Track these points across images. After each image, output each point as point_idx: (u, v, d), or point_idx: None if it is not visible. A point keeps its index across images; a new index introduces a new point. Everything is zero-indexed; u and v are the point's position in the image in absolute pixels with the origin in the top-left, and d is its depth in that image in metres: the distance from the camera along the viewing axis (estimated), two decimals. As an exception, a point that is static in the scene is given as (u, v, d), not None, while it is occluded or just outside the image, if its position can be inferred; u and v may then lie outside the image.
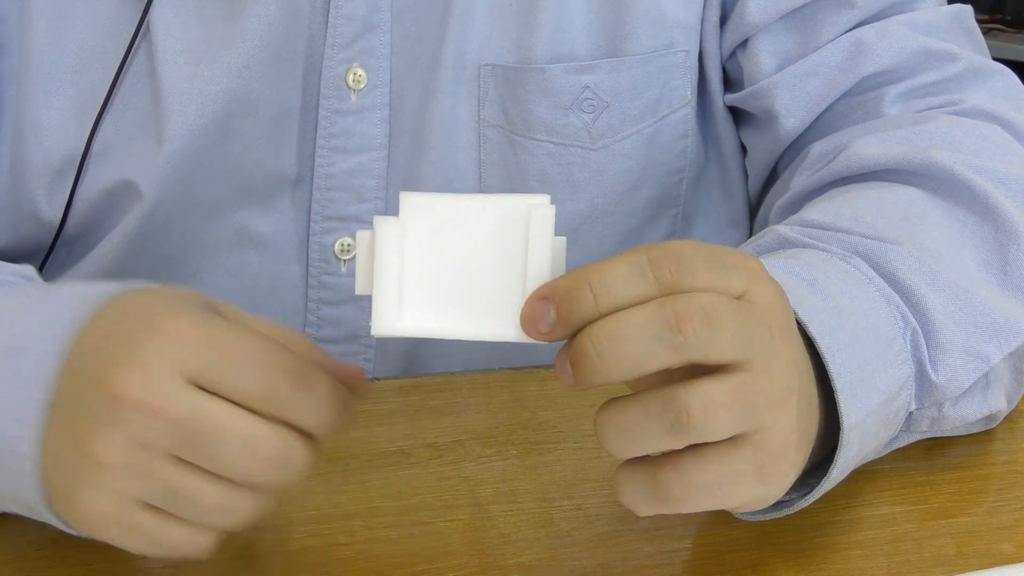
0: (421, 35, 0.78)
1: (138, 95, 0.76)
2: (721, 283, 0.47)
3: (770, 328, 0.48)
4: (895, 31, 0.76)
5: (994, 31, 2.85)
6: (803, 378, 0.51)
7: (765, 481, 0.49)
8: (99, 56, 0.76)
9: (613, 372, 0.46)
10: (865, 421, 0.55)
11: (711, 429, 0.47)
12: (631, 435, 0.48)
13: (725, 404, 0.47)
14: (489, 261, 0.48)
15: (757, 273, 0.49)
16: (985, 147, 0.70)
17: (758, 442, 0.48)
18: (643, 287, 0.46)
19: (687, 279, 0.47)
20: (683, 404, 0.46)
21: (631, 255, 0.47)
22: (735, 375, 0.47)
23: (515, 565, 0.56)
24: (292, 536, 0.57)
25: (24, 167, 0.77)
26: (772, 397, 0.48)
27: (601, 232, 0.82)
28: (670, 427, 0.47)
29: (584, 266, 0.47)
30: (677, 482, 0.48)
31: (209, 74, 0.75)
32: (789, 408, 0.49)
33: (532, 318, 0.47)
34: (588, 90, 0.79)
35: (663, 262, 0.47)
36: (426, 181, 0.79)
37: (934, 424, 0.62)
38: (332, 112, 0.77)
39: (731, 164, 0.86)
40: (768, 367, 0.48)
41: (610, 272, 0.46)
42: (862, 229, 0.63)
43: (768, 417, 0.48)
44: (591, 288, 0.46)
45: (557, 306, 0.46)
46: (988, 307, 0.61)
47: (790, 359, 0.49)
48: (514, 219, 0.47)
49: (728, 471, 0.48)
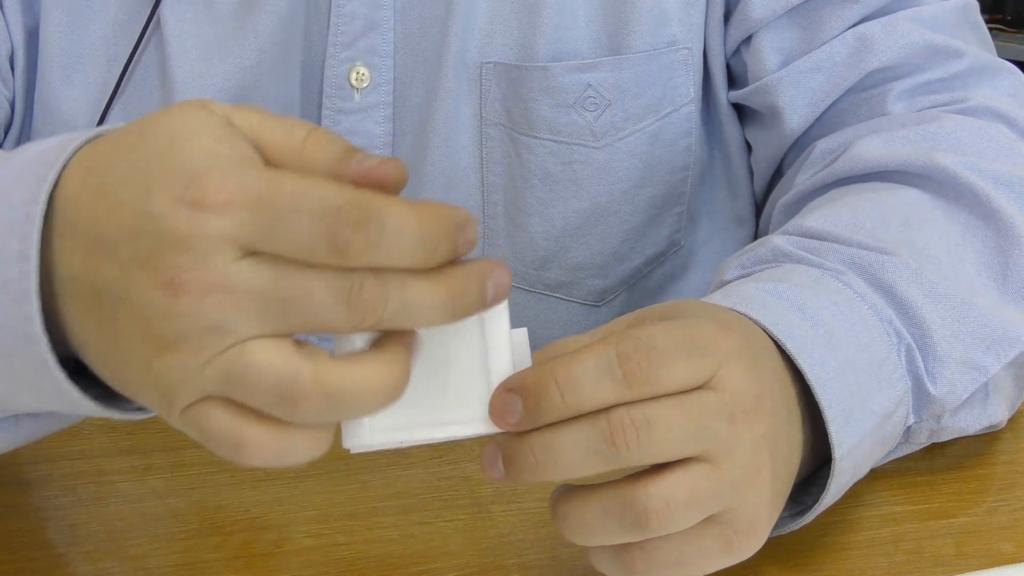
0: (424, 33, 0.78)
1: (148, 89, 0.77)
2: (691, 372, 0.48)
3: (732, 415, 0.48)
4: (900, 26, 0.76)
5: (994, 31, 2.85)
6: (780, 437, 0.51)
7: (733, 554, 0.50)
8: (111, 49, 0.76)
9: (549, 477, 0.47)
10: (859, 446, 0.55)
11: (674, 526, 0.48)
12: (592, 531, 0.48)
13: (684, 502, 0.47)
14: (451, 361, 0.47)
15: (729, 352, 0.49)
16: (989, 148, 0.70)
17: (726, 521, 0.49)
18: (611, 386, 0.46)
19: (658, 373, 0.47)
20: (641, 507, 0.47)
21: (600, 347, 0.47)
22: (692, 468, 0.47)
23: (515, 565, 0.56)
24: (292, 536, 0.57)
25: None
26: (736, 482, 0.48)
27: (605, 230, 0.82)
28: (631, 527, 0.47)
29: (552, 360, 0.47)
30: (641, 560, 0.49)
31: (221, 70, 0.75)
32: (759, 485, 0.49)
33: (500, 411, 0.47)
34: (591, 88, 0.79)
35: (633, 356, 0.47)
36: (429, 180, 0.79)
37: (933, 435, 0.62)
38: (335, 111, 0.78)
39: (736, 161, 0.85)
40: (729, 455, 0.48)
41: (578, 367, 0.47)
42: (860, 238, 0.62)
43: (734, 499, 0.49)
44: (558, 384, 0.46)
45: (524, 400, 0.47)
46: (987, 317, 0.61)
47: (757, 438, 0.49)
48: (469, 321, 0.46)
49: (694, 550, 0.49)
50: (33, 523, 0.56)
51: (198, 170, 0.42)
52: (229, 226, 0.41)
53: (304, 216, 0.41)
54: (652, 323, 0.49)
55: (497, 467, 0.48)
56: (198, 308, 0.41)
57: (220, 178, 0.42)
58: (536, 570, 0.56)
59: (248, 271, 0.42)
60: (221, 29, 0.76)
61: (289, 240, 0.41)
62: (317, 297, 0.42)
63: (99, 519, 0.58)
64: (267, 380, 0.42)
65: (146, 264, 0.42)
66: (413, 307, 0.43)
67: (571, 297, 0.84)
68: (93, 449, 0.64)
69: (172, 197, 0.42)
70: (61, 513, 0.58)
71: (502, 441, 0.48)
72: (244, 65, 0.76)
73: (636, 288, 0.85)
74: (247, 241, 0.42)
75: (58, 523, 0.58)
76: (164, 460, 0.63)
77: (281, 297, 0.42)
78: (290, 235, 0.41)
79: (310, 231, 0.41)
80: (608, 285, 0.85)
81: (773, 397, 0.51)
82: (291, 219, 0.41)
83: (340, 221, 0.41)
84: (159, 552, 0.56)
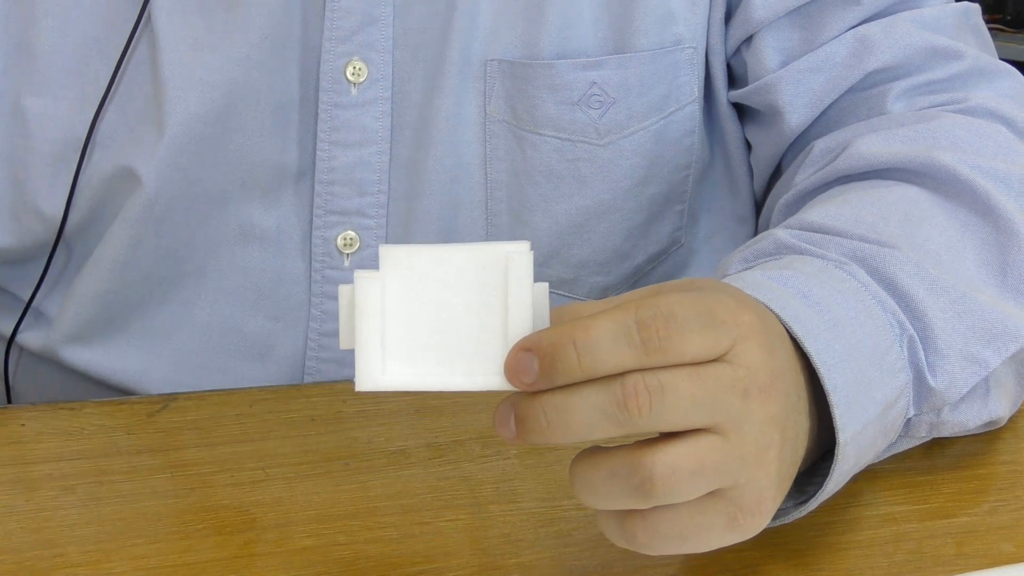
0: (425, 29, 0.78)
1: (140, 84, 0.77)
2: (707, 344, 0.48)
3: (746, 390, 0.48)
4: (901, 27, 0.76)
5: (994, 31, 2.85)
6: (789, 419, 0.51)
7: (736, 531, 0.50)
8: (101, 46, 0.77)
9: (559, 439, 0.47)
10: (862, 433, 0.55)
11: (677, 495, 0.48)
12: (599, 494, 0.48)
13: (691, 470, 0.47)
14: (470, 311, 0.48)
15: (746, 328, 0.49)
16: (988, 147, 0.70)
17: (731, 496, 0.49)
18: (628, 352, 0.46)
19: (675, 342, 0.47)
20: (647, 472, 0.47)
21: (619, 313, 0.47)
22: (702, 439, 0.47)
23: (515, 565, 0.56)
24: (292, 536, 0.57)
25: (26, 156, 0.77)
26: (745, 458, 0.48)
27: (607, 228, 0.82)
28: (635, 491, 0.47)
29: (570, 322, 0.47)
30: (644, 531, 0.49)
31: (211, 62, 0.75)
32: (766, 463, 0.49)
33: (515, 369, 0.47)
34: (595, 86, 0.79)
35: (651, 323, 0.46)
36: (430, 176, 0.79)
37: (933, 429, 0.62)
38: (332, 106, 0.78)
39: (736, 160, 0.85)
40: (739, 429, 0.48)
41: (596, 331, 0.46)
42: (861, 232, 0.62)
43: (742, 475, 0.48)
44: (575, 347, 0.46)
45: (540, 360, 0.46)
46: (987, 311, 0.61)
47: (768, 417, 0.49)
48: (493, 268, 0.47)
49: (697, 523, 0.49)
50: (33, 523, 0.56)
51: None
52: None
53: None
54: (671, 293, 0.49)
55: (509, 426, 0.48)
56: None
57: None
58: (536, 570, 0.56)
59: None
60: (210, 20, 0.76)
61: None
62: None
63: (99, 519, 0.58)
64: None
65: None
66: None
67: (573, 294, 0.85)
68: (93, 449, 0.64)
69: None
70: (61, 513, 0.58)
71: (516, 400, 0.48)
72: (233, 58, 0.76)
73: (638, 286, 0.85)
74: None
75: (58, 523, 0.58)
76: (164, 460, 0.63)
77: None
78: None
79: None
80: (610, 282, 0.85)
81: (785, 378, 0.51)
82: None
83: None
84: (159, 552, 0.56)
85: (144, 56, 0.77)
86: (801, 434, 0.53)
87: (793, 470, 0.53)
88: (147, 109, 0.77)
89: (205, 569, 0.55)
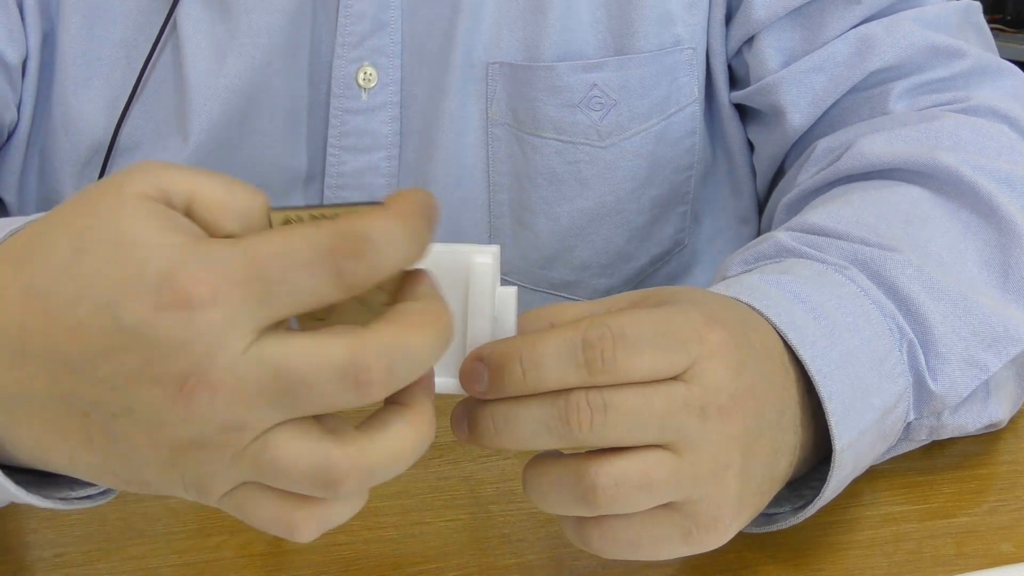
0: (431, 33, 0.78)
1: (165, 91, 0.77)
2: (661, 363, 0.47)
3: (702, 409, 0.48)
4: (902, 26, 0.76)
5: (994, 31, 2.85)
6: (760, 437, 0.50)
7: (692, 545, 0.50)
8: (129, 51, 0.77)
9: (507, 445, 0.48)
10: (859, 439, 0.55)
11: (623, 507, 0.48)
12: (548, 499, 0.49)
13: (636, 484, 0.47)
14: None
15: (711, 347, 0.48)
16: (991, 147, 0.70)
17: (686, 511, 0.49)
18: (572, 370, 0.47)
19: (621, 363, 0.47)
20: (590, 482, 0.47)
21: (568, 331, 0.47)
22: (651, 454, 0.47)
23: (515, 565, 0.56)
24: (292, 536, 0.57)
25: (54, 158, 0.78)
26: (699, 476, 0.48)
27: (610, 230, 0.82)
28: (580, 500, 0.47)
29: (519, 336, 0.48)
30: (597, 535, 0.49)
31: (234, 68, 0.76)
32: (724, 482, 0.49)
33: (468, 378, 0.48)
34: (596, 88, 0.79)
35: (597, 343, 0.46)
36: (436, 180, 0.79)
37: (933, 432, 0.62)
38: (342, 111, 0.78)
39: (738, 161, 0.85)
40: (693, 447, 0.48)
41: (542, 348, 0.47)
42: (862, 234, 0.62)
43: (696, 491, 0.48)
44: (521, 362, 0.47)
45: (489, 372, 0.47)
46: (987, 314, 0.61)
47: (727, 436, 0.48)
48: (457, 271, 0.47)
49: (651, 534, 0.49)
50: (33, 523, 0.56)
51: (163, 271, 0.39)
52: (227, 315, 0.39)
53: (300, 271, 0.39)
54: (630, 311, 0.49)
55: (463, 428, 0.49)
56: (211, 409, 0.40)
57: (193, 270, 0.39)
58: (536, 570, 0.56)
59: (254, 363, 0.40)
60: (233, 27, 0.76)
61: (293, 300, 0.40)
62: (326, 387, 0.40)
63: (99, 519, 0.58)
64: (301, 471, 0.41)
65: (141, 377, 0.40)
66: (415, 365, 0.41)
67: (576, 296, 0.85)
68: (93, 449, 0.64)
69: (147, 306, 0.39)
70: (61, 513, 0.58)
71: (470, 404, 0.48)
72: (255, 64, 0.76)
73: (641, 287, 0.85)
74: (251, 321, 0.39)
75: (58, 523, 0.58)
76: (164, 460, 0.63)
77: (290, 385, 0.40)
78: (293, 295, 0.40)
79: (312, 281, 0.40)
80: (613, 284, 0.85)
81: (756, 397, 0.50)
82: (288, 280, 0.39)
83: (338, 257, 0.40)
84: (159, 552, 0.56)
85: (169, 62, 0.77)
86: (783, 449, 0.52)
87: (767, 485, 0.52)
88: (172, 114, 0.77)
89: (205, 569, 0.55)
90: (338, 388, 0.40)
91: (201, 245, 0.40)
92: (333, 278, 0.39)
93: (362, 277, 0.40)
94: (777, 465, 0.52)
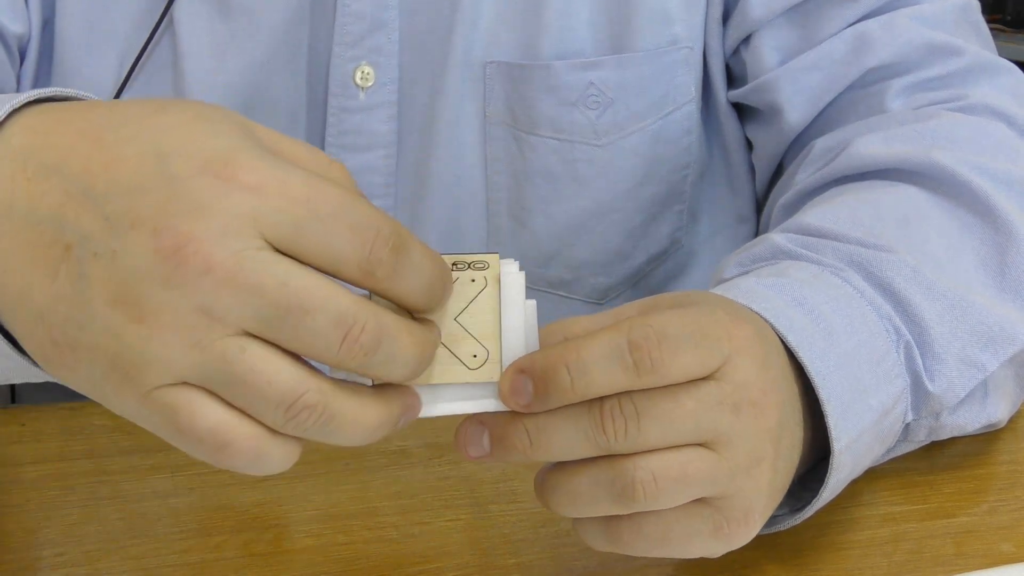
0: (429, 32, 0.78)
1: (163, 88, 0.77)
2: (699, 362, 0.47)
3: (735, 405, 0.48)
4: (899, 24, 0.76)
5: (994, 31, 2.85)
6: (784, 431, 0.51)
7: (722, 540, 0.50)
8: (124, 45, 0.77)
9: (539, 457, 0.48)
10: (858, 440, 0.55)
11: (660, 502, 0.48)
12: (580, 500, 0.48)
13: (674, 478, 0.47)
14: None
15: (739, 343, 0.49)
16: (988, 146, 0.70)
17: (719, 506, 0.49)
18: (621, 373, 0.46)
19: (667, 362, 0.46)
20: (630, 478, 0.47)
21: (612, 334, 0.47)
22: (689, 450, 0.47)
23: (515, 565, 0.56)
24: (292, 536, 0.57)
25: None
26: (735, 470, 0.48)
27: (607, 228, 0.82)
28: (618, 498, 0.47)
29: (562, 344, 0.47)
30: (629, 531, 0.49)
31: (233, 66, 0.76)
32: (758, 475, 0.49)
33: (511, 392, 0.47)
34: (593, 87, 0.79)
35: (643, 344, 0.46)
36: (434, 179, 0.79)
37: (932, 433, 0.62)
38: (340, 110, 0.78)
39: (736, 160, 0.85)
40: (730, 444, 0.48)
41: (589, 353, 0.46)
42: (859, 235, 0.62)
43: (731, 486, 0.48)
44: (568, 369, 0.46)
45: (534, 383, 0.46)
46: (984, 314, 0.61)
47: (762, 430, 0.49)
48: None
49: (682, 528, 0.49)
50: (33, 523, 0.56)
51: (226, 148, 0.40)
52: (258, 209, 0.40)
53: (343, 226, 0.40)
54: (663, 311, 0.49)
55: (481, 445, 0.48)
56: (196, 282, 0.39)
57: (254, 160, 0.40)
58: (536, 570, 0.56)
59: (260, 264, 0.40)
60: (234, 25, 0.76)
61: (320, 244, 0.40)
62: (319, 322, 0.40)
63: (99, 519, 0.58)
64: (275, 389, 0.41)
65: (143, 224, 0.40)
66: (396, 360, 0.42)
67: (574, 295, 0.85)
68: (93, 449, 0.64)
69: (195, 164, 0.40)
70: (61, 513, 0.59)
71: (487, 420, 0.48)
72: (255, 62, 0.76)
73: (639, 286, 0.86)
74: (273, 231, 0.40)
75: (58, 523, 0.58)
76: (164, 460, 0.63)
77: (285, 304, 0.40)
78: (324, 240, 0.40)
79: (346, 241, 0.40)
80: (611, 283, 0.85)
81: (780, 391, 0.50)
82: (329, 224, 0.40)
83: (379, 242, 0.41)
84: (159, 552, 0.56)
85: (165, 59, 0.77)
86: (796, 443, 0.53)
87: (787, 479, 0.53)
88: None
89: (205, 569, 0.55)
90: (328, 329, 0.40)
91: (271, 155, 0.41)
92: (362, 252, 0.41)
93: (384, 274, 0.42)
94: (793, 459, 0.53)
